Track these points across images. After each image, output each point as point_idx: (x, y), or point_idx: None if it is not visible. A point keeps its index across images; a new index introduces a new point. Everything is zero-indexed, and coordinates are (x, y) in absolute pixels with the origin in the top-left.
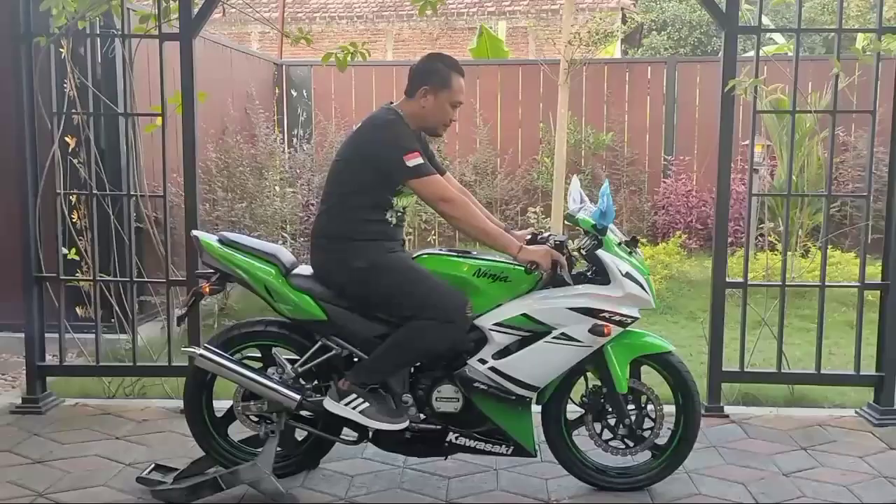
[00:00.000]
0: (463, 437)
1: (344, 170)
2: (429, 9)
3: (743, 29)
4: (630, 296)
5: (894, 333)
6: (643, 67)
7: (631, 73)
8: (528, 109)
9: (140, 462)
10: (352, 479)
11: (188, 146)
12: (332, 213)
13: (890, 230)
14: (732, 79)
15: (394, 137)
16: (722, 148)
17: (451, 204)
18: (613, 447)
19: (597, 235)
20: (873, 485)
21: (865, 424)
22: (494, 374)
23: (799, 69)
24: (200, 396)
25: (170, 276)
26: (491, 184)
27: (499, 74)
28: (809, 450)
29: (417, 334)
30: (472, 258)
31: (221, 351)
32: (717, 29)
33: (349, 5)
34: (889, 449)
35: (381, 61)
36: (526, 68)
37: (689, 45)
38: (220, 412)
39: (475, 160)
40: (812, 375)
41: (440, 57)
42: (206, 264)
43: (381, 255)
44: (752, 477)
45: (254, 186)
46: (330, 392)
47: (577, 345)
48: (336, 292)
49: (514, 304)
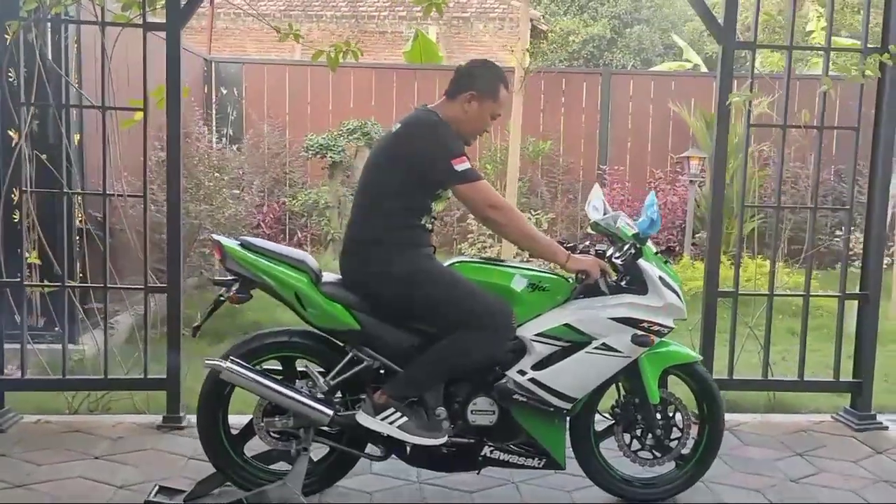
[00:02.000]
0: (497, 450)
1: (384, 172)
2: (434, 10)
3: (739, 45)
4: (669, 306)
5: (871, 341)
6: (579, 78)
7: (567, 83)
8: None
9: (132, 484)
10: (371, 495)
11: (173, 142)
12: (368, 218)
13: (868, 243)
14: (730, 92)
15: (442, 141)
16: (717, 159)
17: (499, 210)
18: (642, 458)
19: (635, 245)
20: (879, 489)
21: (845, 429)
22: (534, 386)
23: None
24: (217, 412)
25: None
26: None
27: (436, 80)
28: (805, 455)
29: (463, 345)
30: (510, 266)
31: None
32: (715, 42)
33: (253, 3)
34: (876, 453)
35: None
36: None
37: (583, 57)
38: (234, 428)
39: None
40: (796, 382)
41: (491, 65)
42: (229, 270)
43: (423, 262)
44: (765, 484)
45: (210, 188)
46: (364, 406)
47: (618, 355)
48: (370, 301)
49: (554, 314)
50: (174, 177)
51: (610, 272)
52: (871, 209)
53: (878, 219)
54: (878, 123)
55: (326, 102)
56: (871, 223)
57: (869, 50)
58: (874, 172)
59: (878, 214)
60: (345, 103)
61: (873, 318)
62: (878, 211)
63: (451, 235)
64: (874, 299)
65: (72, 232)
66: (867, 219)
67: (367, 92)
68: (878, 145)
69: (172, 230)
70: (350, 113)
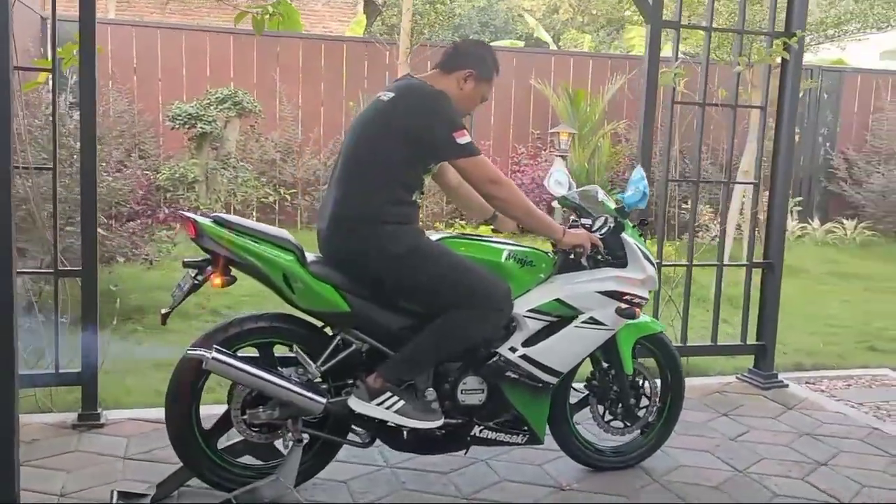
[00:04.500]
0: (486, 429)
1: (378, 145)
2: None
3: (666, 24)
4: (649, 278)
5: (774, 306)
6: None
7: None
8: (331, 87)
9: (72, 491)
10: (347, 484)
11: (87, 107)
12: (362, 194)
13: (772, 215)
14: (656, 70)
15: (444, 112)
16: (644, 137)
17: (499, 185)
18: (614, 428)
19: (616, 218)
20: (805, 442)
21: (753, 389)
22: (525, 362)
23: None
24: (190, 406)
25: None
26: (296, 163)
27: (300, 48)
28: (730, 415)
29: (462, 323)
30: (496, 242)
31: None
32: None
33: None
34: (788, 409)
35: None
36: (327, 45)
37: (398, 31)
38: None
39: (278, 138)
40: (710, 347)
41: (489, 49)
42: (206, 250)
43: (421, 240)
44: (710, 445)
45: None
46: (357, 391)
47: (603, 328)
48: (360, 281)
49: (544, 290)
50: (89, 144)
51: (601, 246)
52: (774, 182)
53: (780, 191)
54: (781, 101)
55: (179, 68)
56: (774, 196)
57: (776, 34)
58: (777, 147)
59: (781, 187)
60: (200, 70)
61: (776, 284)
62: (780, 184)
63: None
64: (777, 267)
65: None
66: (770, 191)
67: (224, 60)
68: (781, 122)
69: (88, 204)
70: (208, 81)
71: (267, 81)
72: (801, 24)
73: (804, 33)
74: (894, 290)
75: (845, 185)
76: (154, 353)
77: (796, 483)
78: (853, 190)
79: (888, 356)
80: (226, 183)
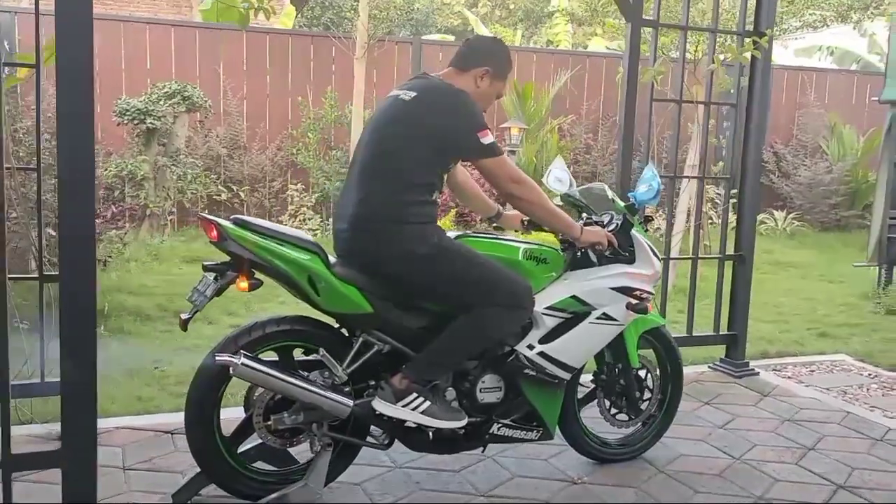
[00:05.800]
0: (504, 427)
1: (402, 144)
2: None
3: (645, 22)
4: (656, 273)
5: (745, 297)
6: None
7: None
8: (278, 81)
9: None
10: (362, 486)
11: None
12: (381, 194)
13: (742, 209)
14: (636, 68)
15: (469, 112)
16: (625, 133)
17: (522, 185)
18: (619, 421)
19: (625, 215)
20: (788, 427)
21: (726, 377)
22: (542, 359)
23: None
24: (212, 413)
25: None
26: (241, 159)
27: (243, 41)
28: (712, 404)
29: (486, 322)
30: (512, 240)
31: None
32: (623, 20)
33: None
34: (764, 396)
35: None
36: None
37: (322, 24)
38: None
39: (223, 133)
40: (686, 338)
41: (503, 45)
42: (229, 253)
43: (442, 239)
44: (703, 434)
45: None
46: (382, 393)
47: (615, 324)
48: (383, 282)
49: (559, 287)
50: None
51: (616, 243)
52: (744, 177)
53: (750, 186)
54: (751, 99)
55: (117, 60)
56: (745, 190)
57: (747, 33)
58: (747, 142)
59: (751, 182)
60: (139, 62)
61: (747, 276)
62: (750, 179)
63: (271, 207)
64: (748, 259)
65: None
66: (740, 186)
67: (165, 51)
68: (750, 118)
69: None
70: (148, 74)
71: (210, 75)
72: (770, 22)
73: (773, 32)
74: (828, 278)
75: (774, 178)
76: (127, 359)
77: (792, 468)
78: (782, 182)
79: (839, 342)
80: (175, 180)
